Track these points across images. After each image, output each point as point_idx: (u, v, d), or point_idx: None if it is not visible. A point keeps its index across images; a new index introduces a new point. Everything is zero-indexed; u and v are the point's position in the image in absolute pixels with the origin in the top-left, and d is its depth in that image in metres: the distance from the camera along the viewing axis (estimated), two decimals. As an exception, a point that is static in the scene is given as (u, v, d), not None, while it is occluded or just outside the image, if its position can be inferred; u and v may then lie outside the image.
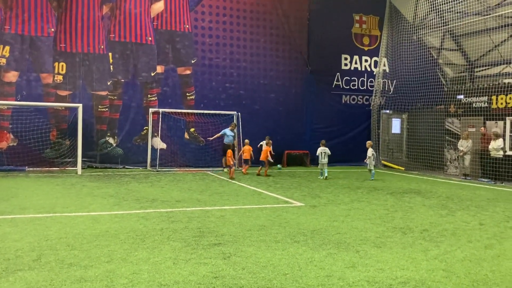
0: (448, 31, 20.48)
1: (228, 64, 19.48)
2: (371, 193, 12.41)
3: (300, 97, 20.60)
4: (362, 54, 21.94)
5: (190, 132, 18.88)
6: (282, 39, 20.39)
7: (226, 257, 6.05)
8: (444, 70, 21.75)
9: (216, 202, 10.49)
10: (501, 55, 19.12)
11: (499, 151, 15.55)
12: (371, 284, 5.11)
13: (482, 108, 16.81)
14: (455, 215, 9.38)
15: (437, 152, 18.40)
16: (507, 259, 6.21)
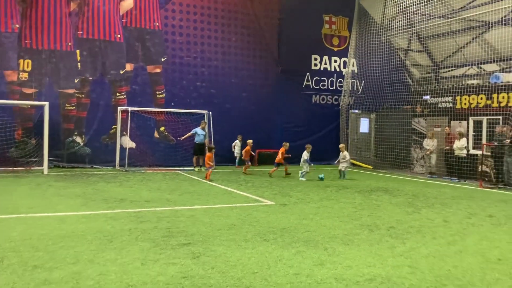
0: (415, 33, 20.97)
1: (199, 63, 19.38)
2: (340, 192, 12.59)
3: (271, 97, 20.69)
4: (331, 55, 22.23)
5: (160, 131, 18.69)
6: (253, 38, 20.44)
7: (196, 256, 6.03)
8: (411, 71, 22.27)
9: (186, 201, 10.43)
10: (465, 57, 19.72)
11: (463, 150, 16.03)
12: (338, 281, 5.19)
13: (447, 108, 17.30)
14: (420, 213, 9.62)
15: (404, 151, 18.82)
16: (468, 254, 6.42)
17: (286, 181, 14.76)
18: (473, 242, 7.13)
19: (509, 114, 14.72)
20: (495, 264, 5.98)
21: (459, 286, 5.11)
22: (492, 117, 15.53)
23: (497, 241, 7.23)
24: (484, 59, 19.15)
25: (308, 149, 15.85)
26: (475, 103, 16.18)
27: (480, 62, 19.41)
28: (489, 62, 19.19)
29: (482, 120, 15.96)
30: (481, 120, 15.98)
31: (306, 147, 15.98)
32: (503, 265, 5.92)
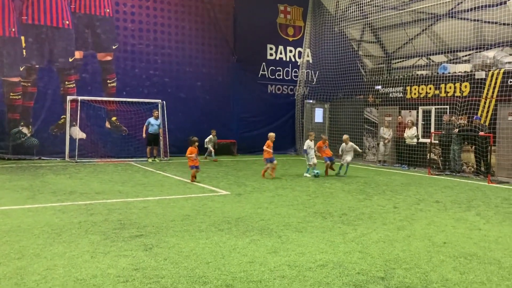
0: (367, 24, 21.39)
1: (152, 51, 18.94)
2: (294, 180, 12.73)
3: (226, 86, 20.57)
4: (287, 45, 22.33)
5: (112, 121, 18.18)
6: (208, 26, 20.18)
7: (148, 248, 5.91)
8: (364, 62, 22.74)
9: (139, 193, 10.22)
10: (415, 48, 20.34)
11: (413, 139, 16.59)
12: (291, 268, 5.24)
13: (397, 98, 17.80)
14: (372, 199, 9.88)
15: (357, 140, 19.23)
16: (416, 239, 6.65)
17: (242, 171, 14.75)
18: (421, 227, 7.39)
19: (456, 103, 15.34)
20: (441, 247, 6.23)
21: (406, 269, 5.28)
22: (440, 107, 16.13)
23: (443, 226, 7.53)
24: (432, 51, 19.84)
25: (310, 137, 14.17)
26: (424, 93, 16.74)
27: (429, 53, 20.10)
28: (438, 53, 19.90)
29: (430, 109, 16.55)
30: (430, 109, 16.56)
31: (309, 134, 14.41)
32: (448, 248, 6.17)
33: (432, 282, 4.87)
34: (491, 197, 10.53)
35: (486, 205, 9.43)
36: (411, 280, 4.91)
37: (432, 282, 4.87)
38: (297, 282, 4.78)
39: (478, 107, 14.73)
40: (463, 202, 9.80)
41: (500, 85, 14.16)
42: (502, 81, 14.14)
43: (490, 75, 14.50)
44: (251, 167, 15.73)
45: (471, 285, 4.79)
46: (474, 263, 5.55)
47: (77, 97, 17.24)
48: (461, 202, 9.80)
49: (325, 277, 4.96)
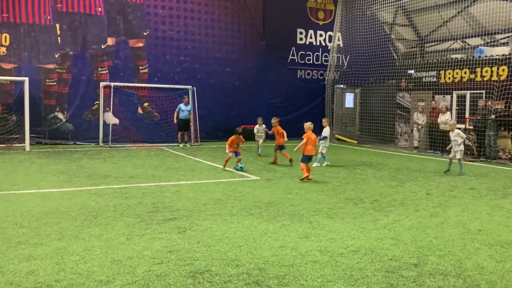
0: (400, 7, 20.84)
1: (182, 37, 19.05)
2: (324, 166, 12.66)
3: (255, 71, 20.53)
4: (317, 29, 22.04)
5: (144, 106, 18.48)
6: (237, 12, 20.11)
7: (181, 231, 6.03)
8: (396, 45, 22.23)
9: (171, 177, 10.40)
10: (449, 31, 19.72)
11: (447, 125, 16.17)
12: (323, 253, 5.26)
13: (431, 82, 17.37)
14: (404, 186, 9.75)
15: (389, 126, 18.96)
16: (449, 226, 6.54)
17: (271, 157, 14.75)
18: (455, 214, 7.26)
19: (492, 88, 14.85)
20: (476, 234, 6.11)
21: (440, 256, 5.21)
22: (475, 91, 15.65)
23: (478, 213, 7.37)
24: (468, 33, 19.19)
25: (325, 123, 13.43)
26: (459, 77, 16.27)
27: (465, 36, 19.46)
28: (473, 36, 19.25)
29: (465, 94, 16.08)
30: (465, 94, 16.10)
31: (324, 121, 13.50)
32: (483, 236, 6.06)
33: (466, 269, 4.81)
34: (528, 184, 10.22)
35: (523, 193, 9.18)
36: (444, 267, 4.85)
37: (466, 269, 4.81)
38: (329, 267, 4.80)
39: (516, 92, 14.22)
40: (499, 189, 9.55)
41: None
42: (542, 64, 13.58)
43: (530, 58, 13.94)
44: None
45: (508, 274, 4.70)
46: (511, 251, 5.43)
47: (110, 83, 17.57)
48: (497, 189, 9.55)
49: (357, 262, 4.96)
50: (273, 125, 13.33)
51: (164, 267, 4.73)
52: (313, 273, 4.64)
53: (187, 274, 4.57)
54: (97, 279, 4.40)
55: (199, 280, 4.41)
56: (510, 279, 4.56)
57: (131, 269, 4.67)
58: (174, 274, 4.55)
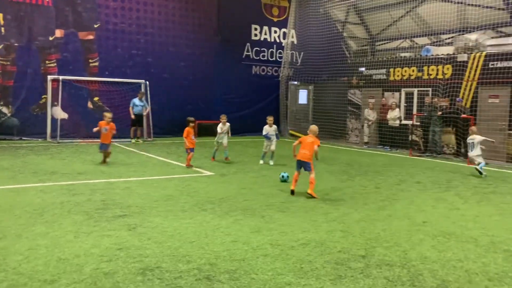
0: (352, 5, 21.31)
1: (134, 30, 18.61)
2: (278, 161, 12.77)
3: (210, 66, 20.38)
4: (271, 25, 22.16)
5: (94, 101, 17.93)
6: (192, 5, 19.88)
7: (131, 228, 5.92)
8: (348, 43, 22.73)
9: (122, 173, 10.16)
10: (398, 30, 20.38)
11: (396, 121, 16.76)
12: (274, 246, 5.31)
13: (381, 80, 17.89)
14: (354, 180, 10.00)
15: (340, 122, 19.38)
16: (396, 218, 6.78)
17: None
18: (402, 207, 7.54)
19: (438, 86, 15.49)
20: (420, 226, 6.37)
21: (386, 247, 5.39)
22: (423, 89, 16.27)
23: (423, 205, 7.68)
24: (416, 33, 19.90)
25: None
26: (407, 75, 16.85)
27: (413, 36, 20.17)
28: (421, 36, 19.99)
29: (413, 91, 16.69)
30: (413, 91, 16.70)
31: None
32: (427, 227, 6.32)
33: (411, 259, 5.00)
34: (470, 178, 10.75)
35: (465, 186, 9.64)
36: (390, 258, 5.03)
37: (411, 259, 5.00)
38: (280, 260, 4.86)
39: (459, 90, 14.91)
40: (443, 182, 9.99)
41: (482, 67, 14.33)
42: (483, 64, 14.30)
43: (472, 58, 14.64)
44: (235, 148, 15.73)
45: (449, 263, 4.93)
46: (452, 241, 5.69)
47: (58, 76, 16.92)
48: (441, 182, 9.99)
49: (307, 255, 5.05)
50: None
51: (112, 265, 4.62)
52: (264, 266, 4.68)
53: (136, 271, 4.49)
54: (41, 279, 4.24)
55: (149, 277, 4.35)
56: (450, 268, 4.78)
57: (78, 268, 4.53)
58: (123, 272, 4.46)
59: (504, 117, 13.65)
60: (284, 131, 21.79)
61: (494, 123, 13.86)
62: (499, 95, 13.88)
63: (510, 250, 5.40)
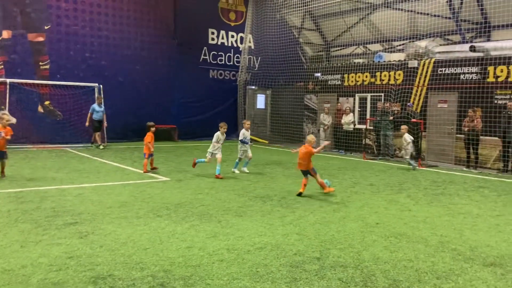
0: (307, 12, 21.67)
1: (88, 32, 18.11)
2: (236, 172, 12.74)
3: (167, 70, 20.14)
4: (228, 30, 22.18)
5: (45, 105, 17.29)
6: (147, 8, 19.59)
7: (83, 236, 5.74)
8: (304, 49, 23.08)
9: (74, 180, 9.84)
10: (352, 37, 20.90)
11: (350, 125, 17.14)
12: (230, 251, 5.29)
13: (336, 85, 18.27)
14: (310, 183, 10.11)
15: (297, 126, 19.62)
16: (350, 220, 6.91)
17: (183, 157, 14.59)
18: (355, 209, 7.70)
19: (390, 91, 15.98)
20: (373, 227, 6.52)
21: (341, 249, 5.49)
22: (375, 94, 16.74)
23: (376, 207, 7.88)
24: (369, 39, 20.48)
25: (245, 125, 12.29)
26: (361, 80, 17.29)
27: (366, 42, 20.73)
28: (374, 42, 20.57)
29: (366, 96, 17.14)
30: (366, 96, 17.15)
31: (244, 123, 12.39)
32: (380, 228, 6.48)
33: (364, 261, 5.10)
34: (420, 180, 11.13)
35: (416, 188, 9.97)
36: (344, 260, 5.11)
37: (364, 261, 5.10)
38: (236, 265, 4.84)
39: (410, 95, 15.44)
40: (395, 185, 10.29)
41: (431, 73, 14.91)
42: (433, 70, 14.89)
43: (422, 64, 15.22)
44: (192, 153, 15.60)
45: (400, 263, 5.07)
46: (404, 242, 5.86)
47: (6, 79, 16.21)
48: (393, 185, 10.29)
49: (263, 259, 5.06)
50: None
51: (62, 274, 4.45)
52: (220, 271, 4.64)
53: (87, 280, 4.34)
54: (-16, 292, 4.03)
55: (100, 286, 4.21)
56: (401, 268, 4.92)
57: (24, 278, 4.34)
58: (73, 281, 4.30)
59: (452, 121, 14.25)
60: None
61: (443, 127, 14.45)
62: (447, 100, 14.48)
63: (457, 249, 5.62)
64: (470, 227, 6.71)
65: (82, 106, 17.32)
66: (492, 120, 13.03)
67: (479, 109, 13.43)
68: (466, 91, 13.84)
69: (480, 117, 13.26)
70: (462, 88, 14.00)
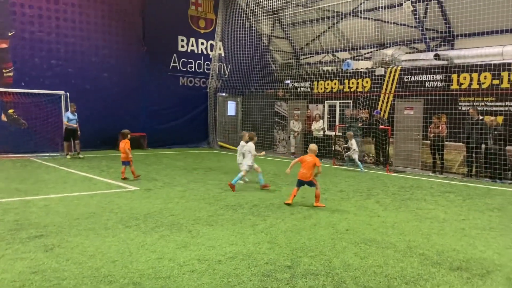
0: (277, 20, 21.86)
1: (53, 39, 17.70)
2: (206, 174, 12.70)
3: (135, 77, 19.87)
4: (198, 37, 22.11)
5: (9, 113, 16.75)
6: (115, 15, 19.31)
7: (48, 249, 5.56)
8: (274, 57, 23.25)
9: (40, 191, 9.56)
10: (321, 45, 21.19)
11: (320, 131, 17.32)
12: (201, 262, 5.23)
13: (305, 92, 18.46)
14: (281, 191, 10.16)
15: (268, 133, 19.70)
16: (321, 227, 6.96)
17: (152, 166, 14.40)
18: (326, 215, 7.76)
19: (358, 98, 16.26)
20: (344, 234, 6.58)
21: (312, 257, 5.51)
22: (344, 101, 17.00)
23: (346, 213, 7.96)
24: (337, 47, 20.80)
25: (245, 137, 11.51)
26: (330, 88, 17.53)
27: (335, 50, 21.05)
28: (342, 50, 20.91)
29: (335, 104, 17.37)
30: (335, 103, 17.39)
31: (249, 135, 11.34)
32: (350, 235, 6.54)
33: (335, 268, 5.14)
34: (389, 185, 11.34)
35: (384, 193, 10.14)
36: (316, 267, 5.13)
37: (335, 268, 5.14)
38: (207, 276, 4.79)
39: (378, 102, 15.75)
40: (364, 191, 10.44)
41: (398, 81, 15.26)
42: (399, 77, 15.24)
43: (389, 72, 15.56)
44: (162, 161, 15.42)
45: (370, 269, 5.13)
46: (373, 248, 5.94)
47: (-33, 87, 15.67)
48: (362, 191, 10.43)
49: (235, 269, 5.02)
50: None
51: (26, 291, 4.30)
52: (190, 283, 4.58)
53: (53, 296, 4.21)
54: None
55: (67, 301, 4.09)
56: (371, 274, 4.98)
57: (-15, 296, 4.16)
58: (37, 297, 4.16)
59: (418, 127, 14.61)
60: (213, 143, 21.75)
61: (410, 133, 14.79)
62: (413, 107, 14.84)
63: (425, 254, 5.73)
64: (437, 231, 6.87)
65: (47, 115, 16.88)
66: (456, 126, 13.43)
67: (444, 115, 13.82)
68: (431, 98, 14.23)
69: (445, 123, 13.64)
70: (428, 95, 14.38)
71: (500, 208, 8.70)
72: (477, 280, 4.87)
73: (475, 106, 13.22)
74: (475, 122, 12.73)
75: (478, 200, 9.57)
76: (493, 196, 10.11)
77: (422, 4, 16.54)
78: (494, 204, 9.08)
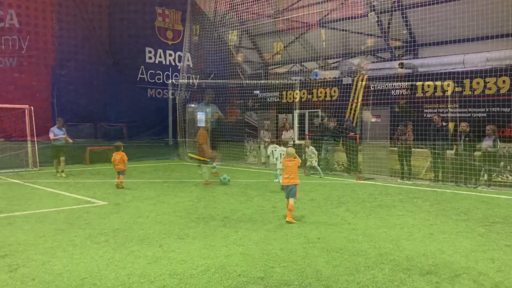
0: (245, 31, 21.99)
1: (17, 52, 17.26)
2: (177, 186, 12.56)
3: (102, 90, 19.58)
4: (166, 48, 22.03)
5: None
6: (81, 27, 19.03)
7: (13, 269, 5.36)
8: (243, 67, 23.33)
9: (3, 208, 9.23)
10: (289, 55, 21.41)
11: (290, 141, 17.42)
12: (173, 276, 5.14)
13: (274, 102, 18.57)
14: (252, 201, 10.14)
15: (239, 143, 19.67)
16: (293, 236, 6.97)
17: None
18: (297, 225, 7.78)
19: (327, 107, 16.47)
20: (315, 243, 6.61)
21: (284, 267, 5.50)
22: (313, 110, 17.18)
23: (317, 222, 8.00)
24: (305, 58, 21.07)
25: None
26: (298, 97, 17.69)
27: (302, 60, 21.31)
28: (310, 60, 21.19)
29: (305, 113, 17.54)
30: (304, 113, 17.55)
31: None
32: (321, 243, 6.57)
33: (307, 277, 5.14)
34: (358, 192, 11.49)
35: (354, 201, 10.26)
36: (288, 277, 5.13)
37: (307, 277, 5.14)
38: (178, 291, 4.71)
39: (346, 110, 16.00)
40: (334, 198, 10.54)
41: (364, 90, 15.55)
42: (365, 86, 15.54)
43: (356, 81, 15.84)
44: (131, 174, 15.16)
45: (342, 277, 5.16)
46: (345, 255, 5.98)
47: None
48: (333, 199, 10.53)
49: (207, 282, 4.96)
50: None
51: (-12, 314, 4.12)
52: (162, 299, 4.50)
53: (17, 318, 4.05)
54: None
55: (32, 324, 3.94)
56: (343, 282, 5.00)
57: None
58: (1, 321, 3.99)
59: (385, 135, 14.89)
60: (183, 154, 21.56)
61: (377, 141, 15.04)
62: (380, 115, 15.13)
63: (395, 260, 5.81)
64: (406, 237, 6.98)
65: (11, 130, 16.39)
66: (422, 133, 13.76)
67: (410, 122, 14.14)
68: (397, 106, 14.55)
69: (412, 130, 13.96)
70: (394, 103, 14.70)
71: (466, 212, 8.93)
72: (446, 284, 4.97)
73: (439, 113, 13.60)
74: (439, 128, 13.08)
75: (445, 205, 9.80)
76: (459, 200, 10.38)
77: (387, 14, 16.97)
78: (460, 209, 9.32)
